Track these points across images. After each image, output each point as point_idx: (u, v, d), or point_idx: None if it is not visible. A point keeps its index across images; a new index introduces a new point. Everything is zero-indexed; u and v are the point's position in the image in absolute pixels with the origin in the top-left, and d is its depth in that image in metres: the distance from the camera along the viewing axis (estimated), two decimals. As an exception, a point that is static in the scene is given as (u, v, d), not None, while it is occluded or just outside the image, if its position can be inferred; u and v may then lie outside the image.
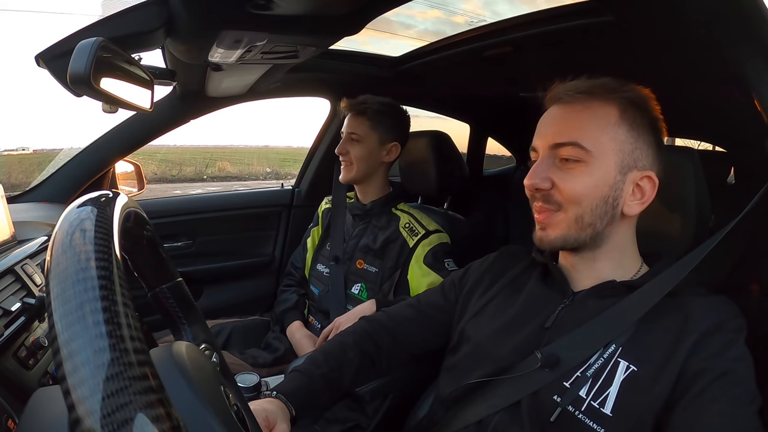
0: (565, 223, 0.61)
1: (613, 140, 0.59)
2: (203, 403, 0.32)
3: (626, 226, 0.63)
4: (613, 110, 0.59)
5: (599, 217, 0.60)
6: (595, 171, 0.59)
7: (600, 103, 0.60)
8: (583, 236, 0.61)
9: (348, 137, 1.22)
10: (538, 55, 1.03)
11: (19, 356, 0.65)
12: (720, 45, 0.62)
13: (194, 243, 1.53)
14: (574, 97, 0.61)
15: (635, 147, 0.59)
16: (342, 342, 0.79)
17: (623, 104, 0.60)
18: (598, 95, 0.60)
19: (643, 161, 0.60)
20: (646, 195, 0.60)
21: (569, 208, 0.60)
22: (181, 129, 1.35)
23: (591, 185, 0.59)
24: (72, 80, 0.61)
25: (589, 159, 0.59)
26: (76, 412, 0.20)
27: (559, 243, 0.62)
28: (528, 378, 0.60)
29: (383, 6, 0.77)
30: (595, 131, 0.59)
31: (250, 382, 0.69)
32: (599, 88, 0.60)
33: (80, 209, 0.29)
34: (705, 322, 0.54)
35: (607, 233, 0.62)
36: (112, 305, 0.23)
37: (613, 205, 0.60)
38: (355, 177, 1.24)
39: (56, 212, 1.14)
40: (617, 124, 0.59)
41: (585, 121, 0.60)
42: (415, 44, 1.34)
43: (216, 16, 0.66)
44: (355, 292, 1.22)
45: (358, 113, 1.22)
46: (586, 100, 0.60)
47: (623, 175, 0.59)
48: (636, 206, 0.60)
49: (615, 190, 0.59)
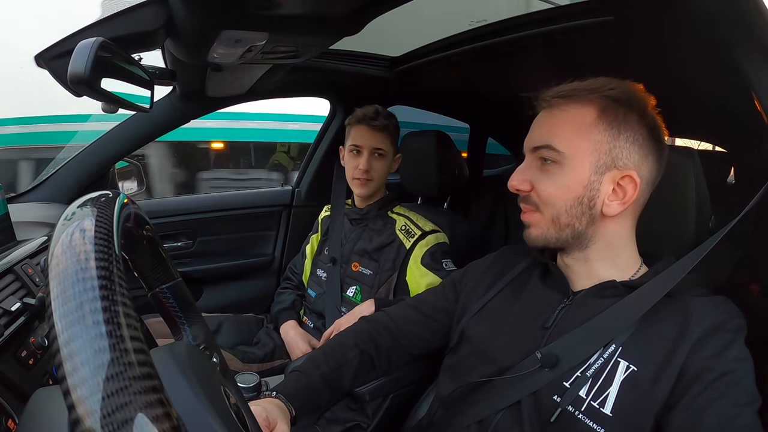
0: (543, 223, 0.63)
1: (586, 141, 0.59)
2: (203, 403, 0.32)
3: (615, 225, 0.62)
4: (591, 110, 0.60)
5: (576, 218, 0.61)
6: (568, 172, 0.60)
7: (578, 105, 0.61)
8: (563, 236, 0.62)
9: (372, 153, 1.21)
10: (538, 55, 1.03)
11: (19, 356, 0.65)
12: (720, 45, 0.62)
13: (194, 243, 1.53)
14: (553, 102, 0.63)
15: (614, 146, 0.59)
16: (342, 342, 0.79)
17: (603, 103, 0.60)
18: (578, 97, 0.61)
19: (624, 160, 0.59)
20: (627, 195, 0.59)
21: (545, 209, 0.62)
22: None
23: (563, 186, 0.60)
24: (72, 80, 0.61)
25: (563, 160, 0.60)
26: (76, 412, 0.20)
27: (540, 242, 0.64)
28: (528, 378, 0.60)
29: (383, 6, 0.77)
30: (568, 133, 0.60)
31: (250, 382, 0.69)
32: (580, 90, 0.61)
33: (80, 209, 0.29)
34: (705, 323, 0.54)
35: (592, 233, 0.62)
36: (112, 305, 0.23)
37: (589, 205, 0.60)
38: (374, 191, 1.24)
39: (56, 212, 1.15)
40: (593, 125, 0.59)
41: (560, 124, 0.61)
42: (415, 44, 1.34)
43: (216, 16, 0.66)
44: (350, 294, 1.22)
45: (382, 129, 1.21)
46: (564, 104, 0.62)
47: (599, 175, 0.59)
48: (616, 206, 0.60)
49: (590, 191, 0.60)
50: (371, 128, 1.20)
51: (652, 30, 0.73)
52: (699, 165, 0.66)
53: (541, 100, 0.64)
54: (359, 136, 1.21)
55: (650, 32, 0.75)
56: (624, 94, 0.60)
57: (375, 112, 1.22)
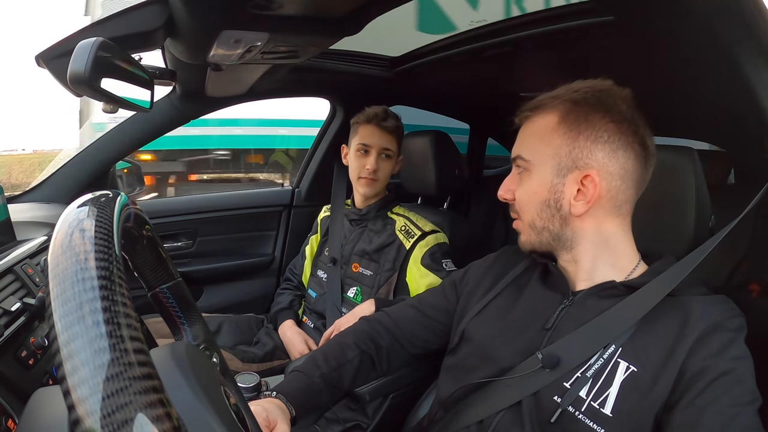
0: (525, 229, 0.67)
1: (548, 146, 0.62)
2: (203, 403, 0.32)
3: (592, 224, 0.62)
4: (553, 117, 0.63)
5: (548, 220, 0.63)
6: (534, 178, 0.64)
7: (542, 114, 0.64)
8: (544, 239, 0.65)
9: (380, 153, 1.21)
10: (538, 55, 1.03)
11: (19, 356, 0.65)
12: (720, 45, 0.62)
13: (194, 243, 1.53)
14: (524, 115, 0.66)
15: (573, 147, 0.60)
16: (342, 342, 0.79)
17: (565, 108, 0.62)
18: (543, 106, 0.64)
19: (585, 159, 0.60)
20: (588, 195, 0.60)
21: (523, 216, 0.67)
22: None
23: (531, 191, 0.64)
24: (72, 80, 0.60)
25: (531, 167, 0.64)
26: (76, 413, 0.20)
27: (528, 247, 0.68)
28: (528, 379, 0.60)
29: (383, 6, 0.77)
30: (534, 141, 0.64)
31: (250, 382, 0.69)
32: (547, 98, 0.65)
33: (80, 209, 0.29)
34: (705, 322, 0.54)
35: (570, 234, 0.63)
36: (112, 305, 0.23)
37: (556, 207, 0.62)
38: (379, 191, 1.24)
39: (56, 212, 1.14)
40: (554, 130, 0.62)
41: (528, 134, 0.66)
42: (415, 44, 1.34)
43: (216, 16, 0.66)
44: (350, 295, 1.23)
45: (392, 130, 1.21)
46: (533, 115, 0.65)
47: (561, 178, 0.62)
48: (581, 206, 0.61)
49: (554, 193, 0.62)
50: (381, 129, 1.20)
51: (652, 30, 0.73)
52: (699, 165, 0.66)
53: (518, 115, 0.68)
54: (368, 135, 1.21)
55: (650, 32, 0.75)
56: (587, 95, 0.61)
57: (384, 112, 1.21)
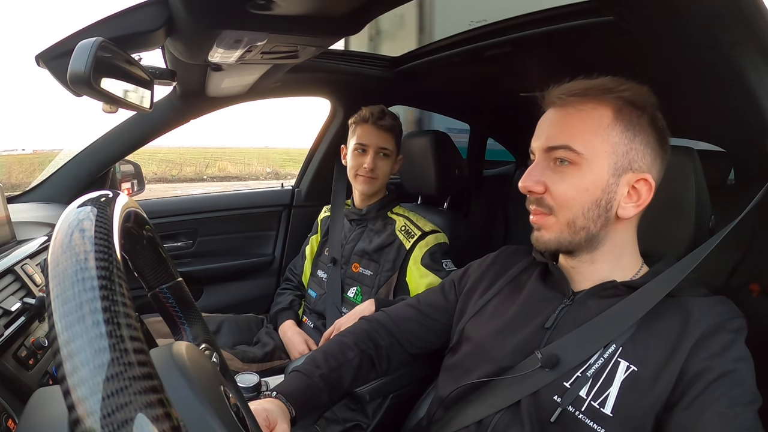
0: (557, 227, 0.61)
1: (605, 142, 0.58)
2: (203, 403, 0.32)
3: (624, 227, 0.62)
4: (607, 111, 0.59)
5: (592, 221, 0.60)
6: (587, 174, 0.58)
7: (593, 105, 0.59)
8: (577, 239, 0.61)
9: (378, 152, 1.21)
10: (538, 55, 1.03)
11: (19, 356, 0.65)
12: (720, 45, 0.61)
13: (194, 243, 1.53)
14: (567, 100, 0.61)
15: (630, 148, 0.58)
16: (342, 342, 0.79)
17: (618, 104, 0.59)
18: (592, 96, 0.60)
19: (639, 162, 0.59)
20: (641, 198, 0.59)
21: (560, 213, 0.60)
22: (181, 129, 1.35)
23: (582, 189, 0.59)
24: (72, 80, 0.60)
25: (581, 162, 0.59)
26: (76, 412, 0.20)
27: (553, 245, 0.62)
28: (528, 378, 0.60)
29: (383, 6, 0.77)
30: (587, 134, 0.59)
31: (250, 382, 0.69)
32: (594, 89, 0.60)
33: (80, 209, 0.29)
34: (705, 323, 0.54)
35: (603, 235, 0.61)
36: (112, 305, 0.23)
37: (606, 208, 0.59)
38: (377, 190, 1.24)
39: (56, 212, 1.14)
40: (610, 126, 0.58)
41: (577, 124, 0.59)
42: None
43: (216, 16, 0.66)
44: (350, 295, 1.23)
45: (388, 129, 1.21)
46: (579, 103, 0.60)
47: (617, 178, 0.59)
48: (631, 209, 0.59)
49: (608, 193, 0.59)
50: (378, 128, 1.20)
51: (652, 30, 0.73)
52: (699, 165, 0.66)
53: (551, 98, 0.62)
54: (365, 135, 1.21)
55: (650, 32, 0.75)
56: (637, 97, 0.59)
57: (381, 111, 1.22)
